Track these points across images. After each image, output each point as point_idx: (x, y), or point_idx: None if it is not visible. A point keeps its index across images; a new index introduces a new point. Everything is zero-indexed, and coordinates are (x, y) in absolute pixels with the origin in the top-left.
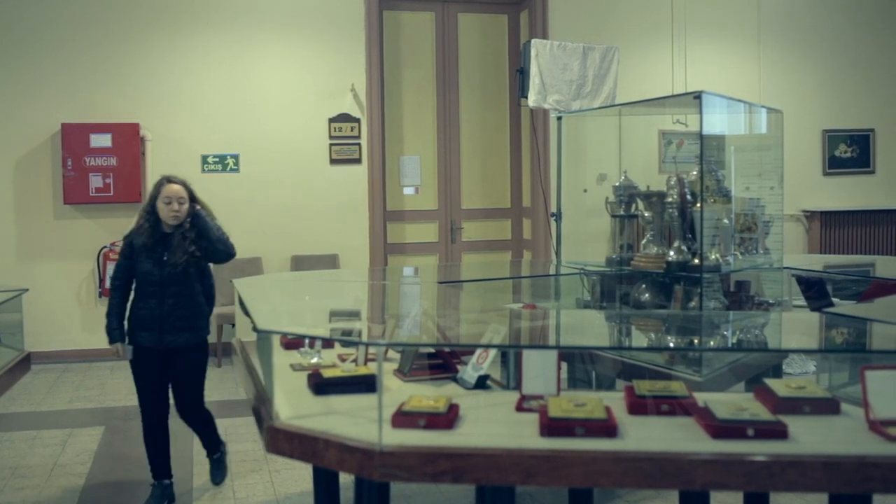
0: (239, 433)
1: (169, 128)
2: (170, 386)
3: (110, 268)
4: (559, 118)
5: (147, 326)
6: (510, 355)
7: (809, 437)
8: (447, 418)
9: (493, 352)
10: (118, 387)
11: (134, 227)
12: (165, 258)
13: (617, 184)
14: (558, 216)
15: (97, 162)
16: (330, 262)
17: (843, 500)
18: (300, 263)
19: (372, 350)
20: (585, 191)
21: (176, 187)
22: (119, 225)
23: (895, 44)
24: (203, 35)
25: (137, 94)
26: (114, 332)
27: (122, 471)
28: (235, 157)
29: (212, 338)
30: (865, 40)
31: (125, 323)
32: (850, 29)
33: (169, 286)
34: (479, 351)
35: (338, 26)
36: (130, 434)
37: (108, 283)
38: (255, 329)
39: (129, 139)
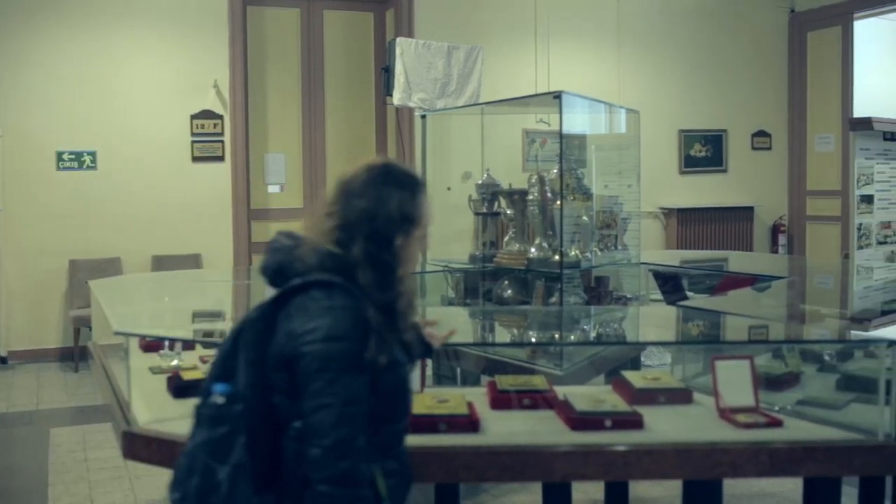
0: (97, 440)
1: (20, 123)
2: None
3: None
4: (423, 117)
5: None
6: None
7: (664, 426)
8: None
9: None
10: None
11: (344, 285)
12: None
13: (479, 182)
14: None
15: None
16: (192, 262)
17: (695, 485)
18: (161, 264)
19: None
20: (449, 189)
21: None
22: None
23: (747, 49)
24: (58, 26)
25: None
26: None
27: (11, 479)
28: (93, 153)
29: (68, 341)
30: (719, 45)
31: None
32: (705, 34)
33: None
34: None
35: (200, 20)
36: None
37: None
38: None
39: None
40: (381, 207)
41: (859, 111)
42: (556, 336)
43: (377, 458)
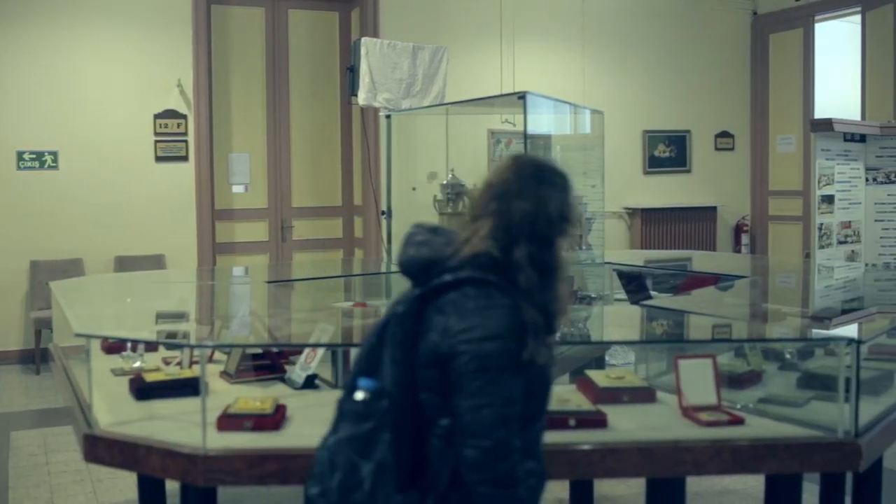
0: (59, 443)
1: None
2: None
3: None
4: (388, 117)
5: None
6: (339, 354)
7: (627, 425)
8: (274, 419)
9: (321, 351)
10: None
11: (500, 283)
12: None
13: (444, 182)
14: (388, 214)
15: None
16: (156, 262)
17: (659, 482)
18: (124, 264)
19: (197, 352)
20: (414, 189)
21: None
22: None
23: (710, 50)
24: (19, 23)
25: None
26: None
27: None
28: (54, 153)
29: (29, 343)
30: (683, 46)
31: None
32: (669, 35)
33: None
34: (307, 350)
35: (163, 19)
36: None
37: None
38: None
39: None
40: (542, 209)
41: (820, 112)
42: None
43: (526, 453)
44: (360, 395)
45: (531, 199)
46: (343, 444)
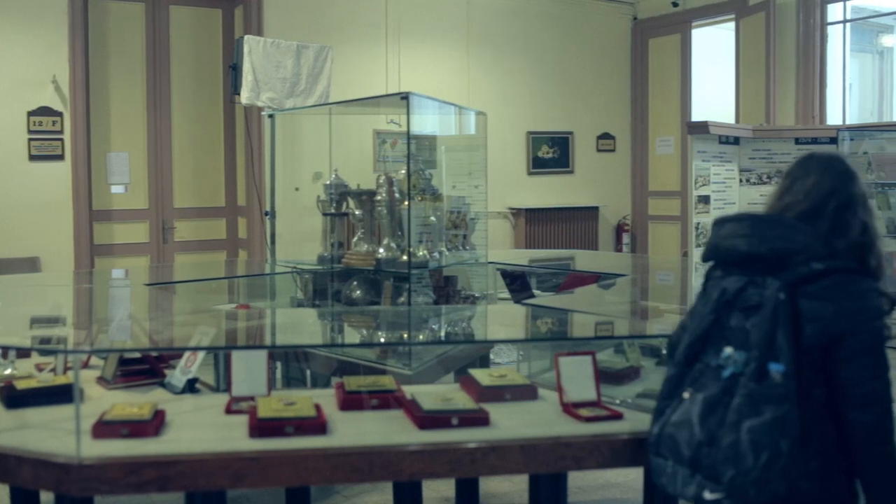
0: None
1: None
2: None
3: None
4: (270, 116)
5: None
6: (220, 357)
7: (509, 422)
8: (152, 425)
9: (201, 354)
10: None
11: (863, 271)
12: None
13: (328, 182)
14: (272, 215)
15: None
16: (30, 265)
17: (541, 478)
18: None
19: (71, 358)
20: (297, 189)
21: None
22: None
23: (592, 54)
24: None
25: None
26: None
27: None
28: None
29: None
30: (566, 49)
31: None
32: (552, 38)
33: None
34: (187, 354)
35: (37, 12)
36: None
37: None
38: None
39: None
40: (863, 201)
41: (697, 115)
42: (405, 336)
43: None
44: (774, 378)
45: (853, 195)
46: (768, 426)
